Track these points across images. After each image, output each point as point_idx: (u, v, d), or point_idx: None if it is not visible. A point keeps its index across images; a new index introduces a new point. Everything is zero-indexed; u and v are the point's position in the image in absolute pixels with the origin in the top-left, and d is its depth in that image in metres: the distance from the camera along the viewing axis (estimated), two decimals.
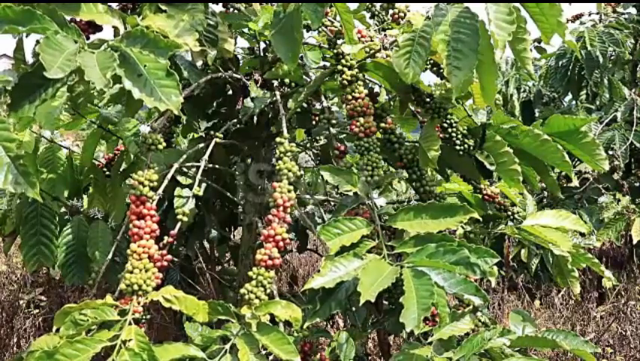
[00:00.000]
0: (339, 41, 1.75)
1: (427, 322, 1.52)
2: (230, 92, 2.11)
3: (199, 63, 1.71)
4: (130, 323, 1.25)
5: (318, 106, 2.00)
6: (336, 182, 1.56)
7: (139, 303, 1.31)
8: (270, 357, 1.37)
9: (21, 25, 1.13)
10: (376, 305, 1.64)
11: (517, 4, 1.33)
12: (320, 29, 1.82)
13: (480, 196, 1.88)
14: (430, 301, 1.23)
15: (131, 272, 1.34)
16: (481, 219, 1.66)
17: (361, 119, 1.62)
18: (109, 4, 1.35)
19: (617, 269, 4.31)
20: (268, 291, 1.38)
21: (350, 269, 1.37)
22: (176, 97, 1.18)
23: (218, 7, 1.89)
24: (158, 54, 1.19)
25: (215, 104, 2.16)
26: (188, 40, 1.32)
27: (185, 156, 1.70)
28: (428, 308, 1.23)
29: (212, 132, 1.85)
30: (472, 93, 1.83)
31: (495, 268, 1.44)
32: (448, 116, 1.75)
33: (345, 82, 1.66)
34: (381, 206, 1.57)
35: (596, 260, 1.90)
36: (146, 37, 1.21)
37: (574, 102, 4.88)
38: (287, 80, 1.88)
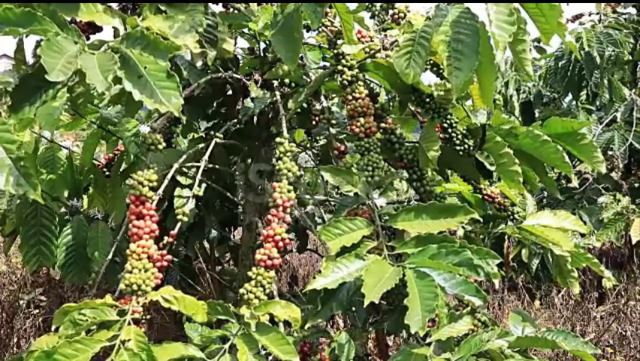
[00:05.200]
0: (339, 42, 1.75)
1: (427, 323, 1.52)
2: (230, 92, 2.11)
3: (199, 64, 1.71)
4: (129, 323, 1.26)
5: (318, 106, 2.00)
6: (336, 182, 1.56)
7: (138, 303, 1.31)
8: (270, 357, 1.37)
9: (21, 26, 1.13)
10: (375, 306, 1.64)
11: (517, 5, 1.33)
12: (320, 29, 1.82)
13: (480, 196, 1.88)
14: (434, 303, 1.23)
15: (131, 272, 1.34)
16: (481, 219, 1.66)
17: (361, 120, 1.62)
18: (109, 4, 1.35)
19: (617, 269, 4.31)
20: (267, 291, 1.38)
21: (352, 270, 1.37)
22: (177, 99, 1.18)
23: (217, 8, 1.89)
24: (159, 56, 1.19)
25: (215, 104, 2.16)
26: (188, 42, 1.32)
27: (185, 156, 1.70)
28: (432, 310, 1.22)
29: (212, 132, 1.86)
30: (471, 94, 1.83)
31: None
32: (448, 117, 1.75)
33: (345, 82, 1.66)
34: (381, 206, 1.57)
35: (596, 260, 1.90)
36: (146, 39, 1.21)
37: (574, 103, 4.88)
38: (287, 80, 1.89)
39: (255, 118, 1.94)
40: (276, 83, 1.86)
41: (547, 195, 4.40)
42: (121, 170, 2.17)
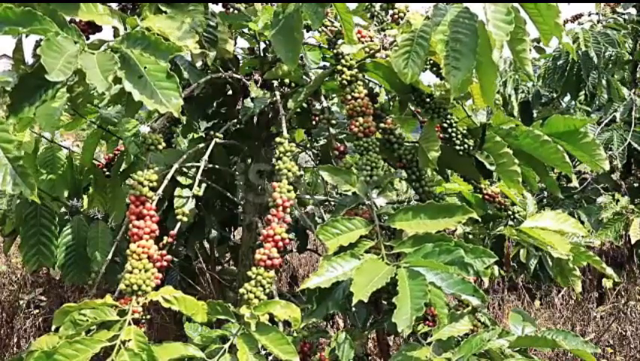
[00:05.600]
0: (338, 41, 1.75)
1: (427, 322, 1.52)
2: (230, 92, 2.11)
3: (199, 64, 1.71)
4: (129, 323, 1.26)
5: (318, 106, 2.00)
6: (334, 182, 1.56)
7: (138, 303, 1.31)
8: (270, 357, 1.37)
9: (21, 26, 1.13)
10: (375, 305, 1.65)
11: (516, 5, 1.33)
12: (320, 29, 1.82)
13: (480, 196, 1.88)
14: (423, 302, 1.22)
15: (131, 272, 1.34)
16: (480, 219, 1.65)
17: (361, 119, 1.62)
18: (109, 4, 1.35)
19: (616, 269, 4.31)
20: (267, 291, 1.38)
21: (347, 269, 1.37)
22: (177, 99, 1.18)
23: (218, 8, 1.89)
24: (159, 56, 1.19)
25: (215, 104, 2.16)
26: (189, 43, 1.32)
27: (185, 156, 1.71)
28: (421, 308, 1.21)
29: (212, 132, 1.86)
30: (472, 94, 1.83)
31: (495, 267, 1.44)
32: (448, 117, 1.75)
33: (344, 82, 1.66)
34: (380, 206, 1.57)
35: (597, 258, 1.89)
36: (147, 40, 1.21)
37: (572, 103, 4.88)
38: (287, 80, 1.89)
39: (255, 118, 1.94)
40: (276, 83, 1.86)
41: (547, 194, 4.40)
42: (121, 170, 2.17)
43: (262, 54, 1.99)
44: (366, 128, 1.62)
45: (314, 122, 2.07)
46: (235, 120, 1.93)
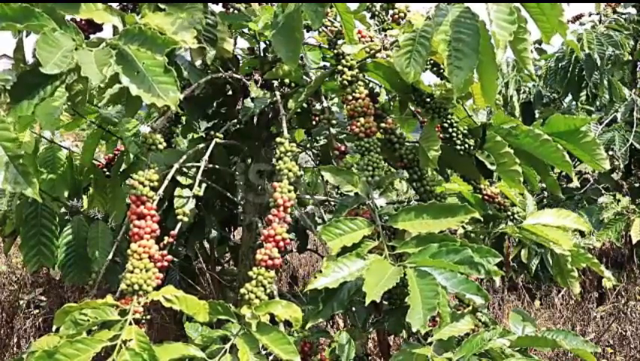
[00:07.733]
0: (339, 41, 1.75)
1: (427, 322, 1.52)
2: (230, 92, 2.11)
3: (198, 62, 1.71)
4: (130, 323, 1.25)
5: (318, 106, 2.00)
6: (336, 182, 1.56)
7: (139, 303, 1.31)
8: (270, 357, 1.37)
9: (18, 22, 1.14)
10: (376, 305, 1.64)
11: (518, 4, 1.33)
12: (320, 29, 1.82)
13: (480, 196, 1.88)
14: (435, 301, 1.23)
15: (132, 272, 1.33)
16: (482, 219, 1.65)
17: (362, 120, 1.62)
18: (109, 3, 1.35)
19: (617, 269, 4.31)
20: (268, 291, 1.38)
21: (353, 270, 1.37)
22: (174, 93, 1.18)
23: (218, 8, 1.89)
24: (156, 51, 1.19)
25: (215, 104, 2.16)
26: (186, 38, 1.31)
27: (185, 156, 1.70)
28: (434, 308, 1.23)
29: (212, 132, 1.86)
30: (473, 94, 1.83)
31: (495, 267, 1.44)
32: (449, 116, 1.75)
33: (345, 82, 1.66)
34: (381, 206, 1.57)
35: (596, 260, 1.89)
36: (144, 35, 1.21)
37: (574, 103, 4.88)
38: (287, 81, 1.88)
39: (255, 118, 1.94)
40: (276, 83, 1.86)
41: (547, 195, 4.39)
42: (121, 170, 2.17)
43: (262, 54, 1.99)
44: (367, 128, 1.61)
45: (314, 122, 2.07)
46: (235, 120, 1.93)
